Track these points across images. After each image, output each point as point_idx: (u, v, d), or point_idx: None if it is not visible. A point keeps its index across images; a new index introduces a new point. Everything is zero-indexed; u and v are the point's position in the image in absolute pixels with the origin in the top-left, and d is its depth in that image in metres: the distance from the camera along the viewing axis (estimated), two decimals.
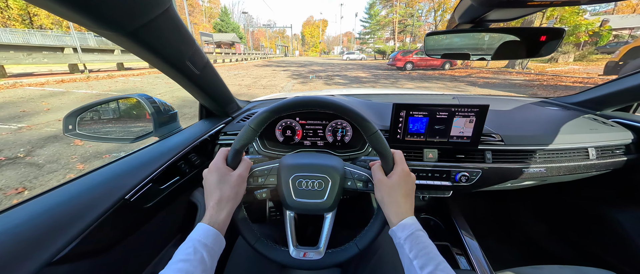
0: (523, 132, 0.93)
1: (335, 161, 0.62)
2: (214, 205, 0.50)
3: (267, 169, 0.62)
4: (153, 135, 0.82)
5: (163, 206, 0.72)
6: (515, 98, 1.32)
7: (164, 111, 0.85)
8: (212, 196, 0.51)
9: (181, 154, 0.76)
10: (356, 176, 0.61)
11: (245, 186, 0.57)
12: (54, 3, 0.33)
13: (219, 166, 0.54)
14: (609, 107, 1.08)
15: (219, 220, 0.49)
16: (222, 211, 0.50)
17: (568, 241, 1.33)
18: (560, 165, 0.90)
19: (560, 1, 0.41)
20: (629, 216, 1.07)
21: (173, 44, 0.54)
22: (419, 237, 0.48)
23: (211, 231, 0.47)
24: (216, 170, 0.53)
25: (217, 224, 0.49)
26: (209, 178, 0.53)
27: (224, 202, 0.51)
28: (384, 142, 0.56)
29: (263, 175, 0.61)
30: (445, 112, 0.84)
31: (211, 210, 0.50)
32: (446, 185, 0.92)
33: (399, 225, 0.50)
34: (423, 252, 0.45)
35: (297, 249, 0.58)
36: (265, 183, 0.61)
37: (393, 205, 0.52)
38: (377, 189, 0.56)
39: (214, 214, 0.49)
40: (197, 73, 0.65)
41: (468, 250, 0.90)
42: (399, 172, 0.55)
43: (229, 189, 0.52)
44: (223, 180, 0.52)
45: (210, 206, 0.50)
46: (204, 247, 0.45)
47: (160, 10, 0.44)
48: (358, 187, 0.61)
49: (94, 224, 0.51)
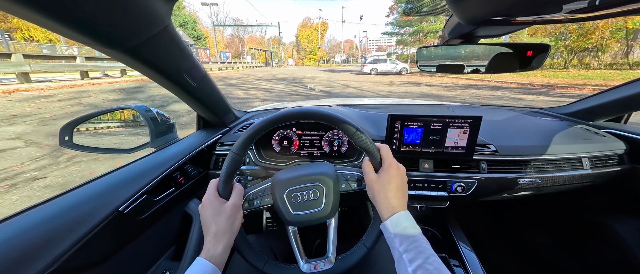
0: (517, 142, 0.94)
1: (326, 167, 0.62)
2: (211, 239, 0.50)
3: (260, 190, 0.61)
4: (150, 146, 0.82)
5: (158, 217, 0.72)
6: (509, 108, 1.34)
7: (161, 122, 0.85)
8: (208, 230, 0.51)
9: (177, 165, 0.76)
10: (348, 177, 0.61)
11: (242, 215, 0.56)
12: (53, 22, 0.34)
13: (212, 199, 0.54)
14: (600, 117, 1.09)
15: (216, 254, 0.49)
16: (219, 244, 0.50)
17: (566, 252, 1.31)
18: (554, 175, 0.91)
19: (543, 19, 0.43)
20: (627, 226, 1.07)
21: (171, 59, 0.55)
22: (409, 230, 0.48)
23: (208, 267, 0.47)
24: (209, 203, 0.53)
25: (214, 258, 0.48)
26: (203, 213, 0.53)
27: (221, 235, 0.51)
28: (368, 139, 0.56)
29: (258, 197, 0.61)
30: (440, 123, 0.85)
31: (208, 244, 0.50)
32: (443, 195, 0.93)
33: (389, 220, 0.50)
34: (412, 245, 0.45)
35: (308, 263, 0.58)
36: (262, 204, 0.60)
37: (383, 201, 0.52)
38: (368, 187, 0.56)
39: (211, 248, 0.49)
40: (194, 85, 0.67)
41: (466, 262, 0.89)
42: (386, 167, 0.55)
43: (224, 220, 0.52)
44: (217, 212, 0.52)
45: (208, 240, 0.50)
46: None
47: (159, 28, 0.45)
48: (353, 188, 0.61)
49: (86, 237, 0.51)
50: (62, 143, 0.73)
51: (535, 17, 0.42)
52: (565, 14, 0.43)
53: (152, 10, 0.42)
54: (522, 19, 0.42)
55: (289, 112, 0.55)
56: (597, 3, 0.31)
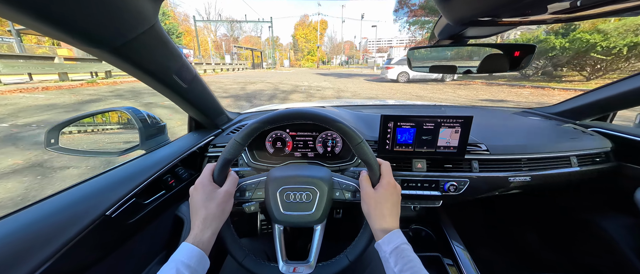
0: (507, 141, 0.96)
1: (323, 172, 0.62)
2: (200, 224, 0.49)
3: (254, 183, 0.61)
4: (139, 148, 0.81)
5: (147, 221, 0.70)
6: (499, 108, 1.36)
7: (151, 124, 0.84)
8: (197, 214, 0.50)
9: (168, 167, 0.75)
10: (344, 187, 0.61)
11: (233, 203, 0.56)
12: (32, 20, 0.33)
13: (205, 183, 0.53)
14: (587, 116, 1.12)
15: (203, 239, 0.48)
16: (207, 229, 0.49)
17: (557, 249, 1.34)
18: (544, 173, 0.93)
19: (528, 20, 0.44)
20: (614, 223, 1.09)
21: (159, 59, 0.54)
22: (404, 250, 0.48)
23: (195, 252, 0.46)
24: (202, 187, 0.52)
25: (202, 243, 0.48)
26: (194, 195, 0.52)
27: (210, 220, 0.50)
28: (370, 152, 0.56)
29: (250, 189, 0.60)
30: (432, 123, 0.86)
31: (196, 229, 0.49)
32: (435, 194, 0.93)
33: (384, 239, 0.50)
34: (408, 265, 0.45)
35: (287, 264, 0.57)
36: (253, 197, 0.60)
37: (378, 218, 0.52)
38: (364, 201, 0.56)
39: (199, 233, 0.48)
40: (184, 86, 0.66)
41: (459, 260, 0.90)
42: (384, 184, 0.55)
43: (215, 206, 0.51)
44: (209, 197, 0.51)
45: (196, 225, 0.49)
46: (187, 268, 0.43)
47: (146, 27, 0.44)
48: (346, 198, 0.61)
49: (70, 242, 0.49)
50: (47, 146, 0.71)
51: (521, 18, 0.43)
52: (550, 15, 0.44)
53: (138, 8, 0.41)
54: (508, 20, 0.43)
55: (298, 111, 0.55)
56: (579, 4, 0.32)
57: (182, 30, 36.49)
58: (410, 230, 1.13)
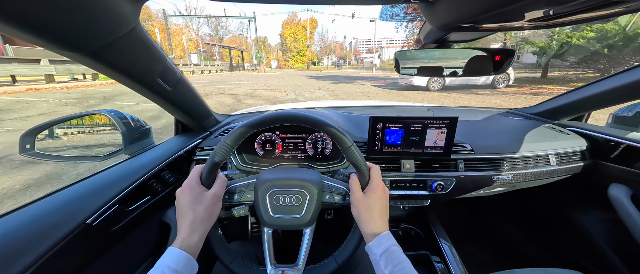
0: (491, 141, 0.99)
1: (313, 175, 0.62)
2: (187, 227, 0.48)
3: (243, 185, 0.60)
4: (123, 153, 0.78)
5: (132, 228, 0.68)
6: (483, 109, 1.41)
7: (135, 127, 0.82)
8: (185, 218, 0.49)
9: (153, 172, 0.73)
10: (334, 190, 0.61)
11: (221, 205, 0.55)
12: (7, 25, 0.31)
13: (193, 186, 0.52)
14: (564, 116, 1.18)
15: (191, 243, 0.47)
16: (195, 233, 0.48)
17: (539, 244, 1.40)
18: (525, 172, 0.97)
19: (507, 26, 0.46)
20: (590, 217, 1.15)
21: (141, 62, 0.53)
22: (394, 252, 0.49)
23: (183, 256, 0.45)
24: (190, 189, 0.51)
25: (190, 247, 0.47)
26: (181, 198, 0.51)
27: (198, 224, 0.49)
28: (360, 156, 0.57)
29: (240, 192, 0.60)
30: (419, 124, 0.88)
31: (183, 233, 0.48)
32: (423, 194, 0.95)
33: (374, 241, 0.51)
34: (398, 267, 0.46)
35: (276, 268, 0.57)
36: (242, 199, 0.59)
37: (369, 221, 0.53)
38: (353, 205, 0.56)
39: (187, 237, 0.47)
40: (169, 89, 0.64)
41: (446, 258, 0.92)
42: (374, 188, 0.56)
43: (203, 210, 0.50)
44: (197, 200, 0.50)
45: (183, 229, 0.48)
46: (174, 273, 0.42)
47: (126, 30, 0.43)
48: (336, 201, 0.61)
49: (48, 253, 0.47)
50: (22, 151, 0.68)
51: (500, 24, 0.44)
52: (527, 22, 0.46)
53: (117, 11, 0.39)
54: (488, 26, 0.45)
55: (290, 113, 0.55)
56: (552, 13, 0.34)
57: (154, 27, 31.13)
58: (400, 229, 1.15)
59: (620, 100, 0.98)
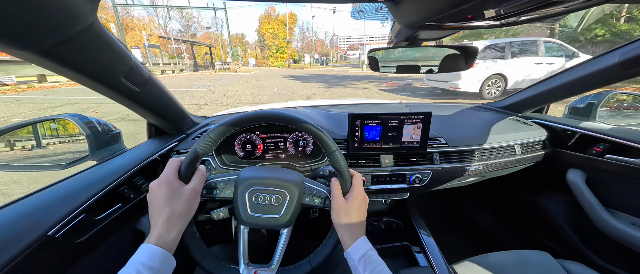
0: (463, 134, 1.05)
1: (295, 176, 0.62)
2: (164, 223, 0.46)
3: (224, 181, 0.59)
4: (89, 159, 0.74)
5: (101, 239, 0.64)
6: (456, 104, 1.48)
7: (103, 131, 0.77)
8: (160, 213, 0.47)
9: (124, 178, 0.69)
10: (315, 193, 0.61)
11: (199, 201, 0.53)
12: None
13: (171, 180, 0.49)
14: (527, 109, 1.28)
15: (169, 239, 0.45)
16: (172, 229, 0.46)
17: (510, 228, 1.50)
18: (494, 162, 1.04)
19: (468, 26, 0.49)
20: (552, 201, 1.26)
21: (102, 60, 0.49)
22: (371, 256, 0.50)
23: (158, 252, 0.43)
24: (167, 183, 0.49)
25: (167, 244, 0.45)
26: (157, 192, 0.48)
27: (175, 219, 0.47)
28: (343, 162, 0.58)
29: (219, 187, 0.58)
30: (396, 120, 0.91)
31: (160, 229, 0.45)
32: (403, 187, 0.99)
33: (352, 247, 0.52)
34: (376, 270, 0.48)
35: (248, 267, 0.56)
36: (221, 195, 0.58)
37: (348, 228, 0.54)
38: (334, 210, 0.56)
39: (164, 233, 0.45)
40: (136, 90, 0.61)
41: (426, 248, 0.96)
42: (355, 195, 0.57)
43: (182, 205, 0.48)
44: (175, 195, 0.48)
45: (159, 225, 0.46)
46: (149, 270, 0.40)
47: (81, 26, 0.40)
48: (316, 203, 0.61)
49: (3, 270, 0.43)
50: None
51: (461, 23, 0.47)
52: (486, 21, 0.50)
53: (71, 5, 0.37)
54: (451, 25, 0.48)
55: (276, 114, 0.55)
56: (502, 12, 0.37)
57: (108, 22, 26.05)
58: (382, 223, 1.19)
59: (574, 92, 1.08)
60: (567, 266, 0.84)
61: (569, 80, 1.01)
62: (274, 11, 59.56)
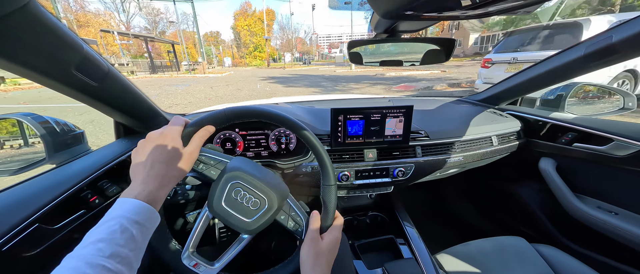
0: (444, 127, 1.07)
1: (282, 187, 0.58)
2: (154, 181, 0.42)
3: (214, 160, 0.56)
4: (46, 163, 0.67)
5: (62, 250, 0.58)
6: (437, 99, 1.52)
7: (61, 132, 0.70)
8: (154, 169, 0.43)
9: (86, 182, 0.63)
10: (293, 214, 0.59)
11: (191, 168, 0.50)
12: None
13: (175, 137, 0.46)
14: (503, 101, 1.33)
15: (157, 198, 0.42)
16: (163, 189, 0.43)
17: (489, 216, 1.57)
18: (473, 153, 1.07)
19: (445, 15, 0.49)
20: (526, 188, 1.32)
21: (45, 49, 0.44)
22: None
23: (145, 207, 0.39)
24: (172, 139, 0.45)
25: (154, 202, 0.41)
26: (158, 145, 0.44)
27: (167, 180, 0.44)
28: (334, 199, 0.56)
29: (207, 163, 0.55)
30: (378, 114, 0.91)
31: (150, 185, 0.41)
32: (387, 181, 0.99)
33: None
34: None
35: (192, 256, 0.53)
36: (204, 172, 0.54)
37: (316, 267, 0.51)
38: (306, 243, 0.53)
39: (154, 190, 0.41)
40: (94, 85, 0.55)
41: (410, 240, 0.98)
42: (332, 235, 0.55)
43: (178, 166, 0.45)
44: (175, 155, 0.45)
45: (149, 181, 0.42)
46: (135, 224, 0.37)
47: (13, 6, 0.35)
48: (288, 226, 0.58)
49: None
50: None
51: (438, 13, 0.47)
52: (462, 11, 0.49)
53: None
54: (428, 15, 0.47)
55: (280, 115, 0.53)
56: (478, 1, 0.36)
57: None
58: (368, 217, 1.19)
59: (545, 84, 1.13)
60: (540, 249, 0.89)
61: (540, 73, 1.06)
62: (250, 7, 55.92)
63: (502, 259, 0.87)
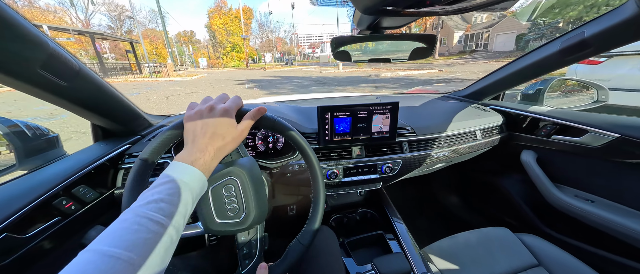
0: (429, 123, 1.09)
1: (264, 210, 0.54)
2: (213, 151, 0.42)
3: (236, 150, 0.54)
4: (17, 169, 0.63)
5: (34, 260, 0.55)
6: (422, 95, 1.54)
7: (33, 136, 0.66)
8: (212, 140, 0.43)
9: (60, 188, 0.60)
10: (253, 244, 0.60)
11: None
12: None
13: (233, 113, 0.47)
14: (486, 97, 1.36)
15: (210, 168, 0.43)
16: (215, 160, 0.44)
17: (475, 209, 1.61)
18: (458, 147, 1.09)
19: (425, 11, 0.49)
20: (510, 180, 1.37)
21: (3, 47, 0.41)
22: None
23: (198, 175, 0.40)
24: (231, 115, 0.46)
25: (207, 172, 0.42)
26: (218, 120, 0.45)
27: (221, 153, 0.44)
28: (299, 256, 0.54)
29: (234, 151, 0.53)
30: (365, 111, 0.91)
31: (207, 155, 0.41)
32: (375, 177, 1.00)
33: None
34: None
35: None
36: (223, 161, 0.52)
37: None
38: None
39: (209, 161, 0.42)
40: (63, 85, 0.53)
41: (398, 235, 0.99)
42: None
43: (231, 143, 0.45)
44: (231, 131, 0.45)
45: (208, 151, 0.42)
46: (190, 192, 0.38)
47: None
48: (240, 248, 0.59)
49: None
50: None
51: (417, 10, 0.47)
52: (441, 7, 0.50)
53: None
54: (409, 11, 0.47)
55: None
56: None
57: None
58: (358, 214, 1.20)
59: (525, 79, 1.17)
60: (524, 239, 0.92)
61: (519, 68, 1.09)
62: (225, 4, 52.25)
63: (487, 250, 0.89)
